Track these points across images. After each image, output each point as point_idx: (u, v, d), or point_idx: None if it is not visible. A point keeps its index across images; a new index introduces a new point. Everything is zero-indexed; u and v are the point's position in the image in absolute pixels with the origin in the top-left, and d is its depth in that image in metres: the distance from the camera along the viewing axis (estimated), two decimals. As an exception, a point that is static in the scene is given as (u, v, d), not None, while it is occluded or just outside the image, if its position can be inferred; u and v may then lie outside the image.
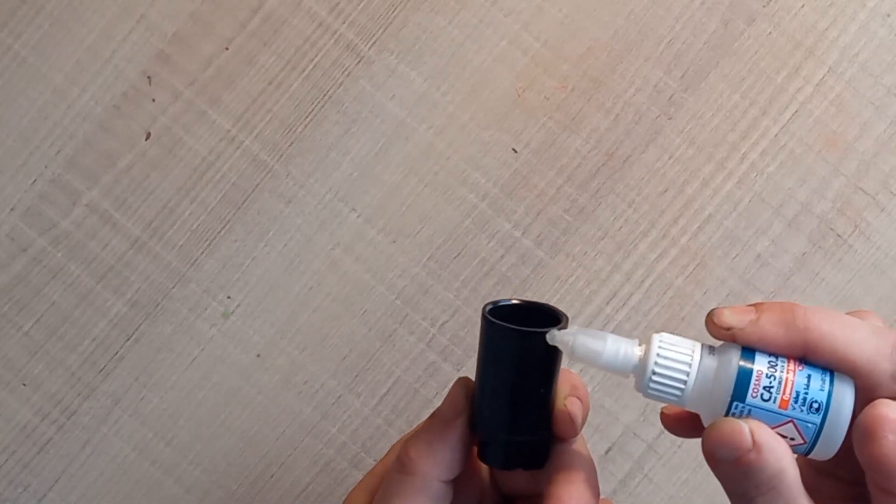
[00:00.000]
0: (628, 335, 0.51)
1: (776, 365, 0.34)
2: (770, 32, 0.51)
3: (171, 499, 0.52)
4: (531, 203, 0.51)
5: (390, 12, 0.52)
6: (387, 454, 0.43)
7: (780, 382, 0.34)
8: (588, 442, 0.51)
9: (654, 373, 0.35)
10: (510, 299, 0.39)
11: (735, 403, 0.34)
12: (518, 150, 0.52)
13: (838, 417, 0.34)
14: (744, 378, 0.34)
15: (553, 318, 0.38)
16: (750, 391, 0.34)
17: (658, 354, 0.35)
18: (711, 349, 0.35)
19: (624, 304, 0.51)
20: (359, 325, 0.52)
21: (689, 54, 0.51)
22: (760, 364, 0.34)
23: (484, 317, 0.37)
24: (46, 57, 0.52)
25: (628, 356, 0.35)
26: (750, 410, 0.34)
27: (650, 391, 0.35)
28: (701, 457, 0.50)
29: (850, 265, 0.51)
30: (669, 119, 0.51)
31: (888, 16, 0.51)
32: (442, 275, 0.52)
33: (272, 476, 0.52)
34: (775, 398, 0.34)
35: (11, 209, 0.52)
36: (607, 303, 0.51)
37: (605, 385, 0.51)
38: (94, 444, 0.52)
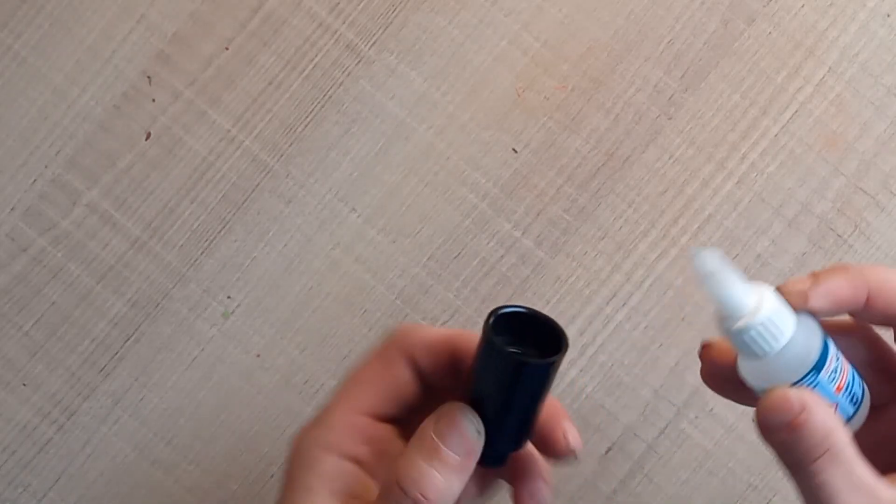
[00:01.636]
0: (628, 335, 0.51)
1: (838, 355, 0.36)
2: (770, 32, 0.51)
3: (171, 499, 0.52)
4: (531, 203, 0.51)
5: (390, 12, 0.52)
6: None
7: (839, 369, 0.35)
8: (588, 442, 0.51)
9: (762, 322, 0.34)
10: (513, 307, 0.37)
11: (812, 373, 0.35)
12: (518, 150, 0.52)
13: (863, 414, 0.36)
14: (825, 353, 0.35)
15: (553, 333, 0.37)
16: (826, 366, 0.35)
17: (773, 304, 0.35)
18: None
19: (624, 305, 0.51)
20: (359, 325, 0.52)
21: (690, 54, 0.51)
22: (832, 348, 0.36)
23: (491, 343, 0.36)
24: (46, 57, 0.52)
25: (744, 297, 0.35)
26: (816, 384, 0.35)
27: (746, 337, 0.35)
28: (701, 457, 0.51)
29: (850, 265, 0.51)
30: (669, 119, 0.51)
31: (888, 16, 0.51)
32: (442, 275, 0.52)
33: (272, 476, 0.52)
34: (835, 381, 0.35)
35: (11, 209, 0.52)
36: (607, 303, 0.51)
37: (605, 385, 0.51)
38: (94, 444, 0.52)
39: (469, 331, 0.39)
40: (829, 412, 0.34)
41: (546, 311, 0.51)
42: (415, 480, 0.37)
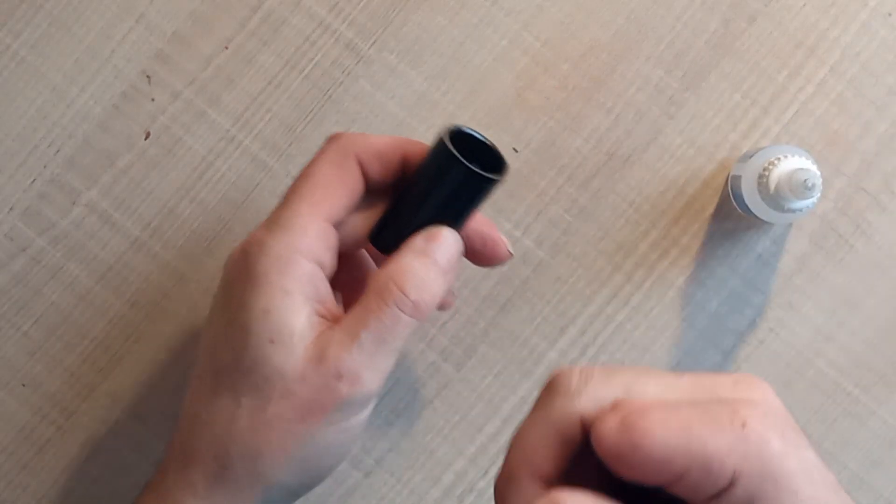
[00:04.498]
0: (629, 336, 0.51)
1: None
2: (771, 32, 0.51)
3: (171, 499, 0.52)
4: (531, 203, 0.51)
5: (390, 11, 0.52)
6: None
7: None
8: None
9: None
10: (469, 129, 0.42)
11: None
12: (518, 149, 0.51)
13: None
14: None
15: (497, 161, 0.42)
16: None
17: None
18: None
19: (625, 305, 0.51)
20: (359, 326, 0.51)
21: (690, 54, 0.51)
22: None
23: (448, 150, 0.40)
24: (45, 56, 0.52)
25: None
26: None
27: (811, 177, 0.44)
28: (702, 457, 0.50)
29: (852, 265, 0.51)
30: (670, 119, 0.51)
31: (889, 15, 0.51)
32: (442, 275, 0.51)
33: (272, 477, 0.52)
34: None
35: (10, 209, 0.52)
36: (608, 303, 0.51)
37: (606, 385, 0.51)
38: (94, 444, 0.52)
39: (413, 139, 0.43)
40: None
41: (546, 311, 0.51)
42: (416, 285, 0.39)
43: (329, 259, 0.41)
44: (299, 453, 0.39)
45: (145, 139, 0.52)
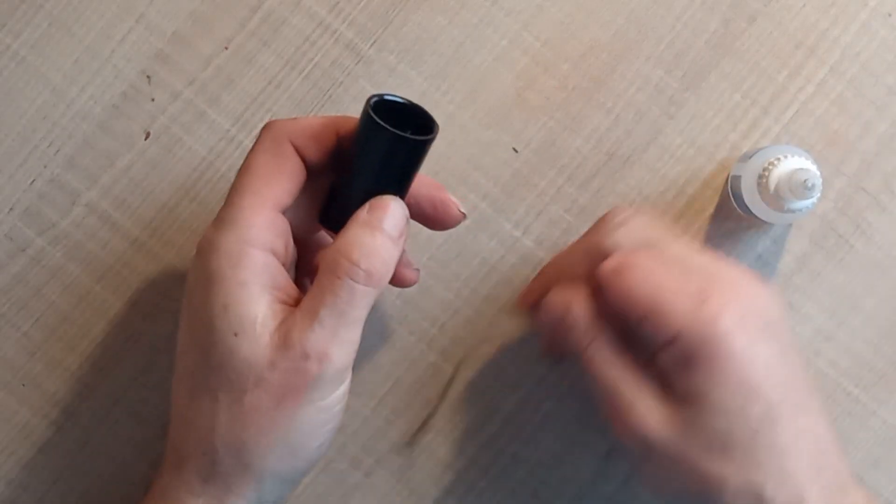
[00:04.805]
0: (629, 335, 0.51)
1: None
2: (771, 32, 0.51)
3: (171, 499, 0.52)
4: (532, 203, 0.51)
5: (390, 11, 0.52)
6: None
7: None
8: (589, 443, 0.51)
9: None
10: (392, 95, 0.43)
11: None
12: (518, 149, 0.51)
13: None
14: None
15: (427, 123, 0.42)
16: None
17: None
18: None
19: (625, 305, 0.51)
20: (359, 326, 0.51)
21: (690, 54, 0.51)
22: None
23: (371, 119, 0.40)
24: (45, 56, 0.52)
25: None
26: None
27: (811, 177, 0.45)
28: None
29: (852, 265, 0.51)
30: (670, 119, 0.51)
31: (889, 15, 0.51)
32: (442, 275, 0.51)
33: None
34: None
35: (10, 209, 0.52)
36: (608, 303, 0.51)
37: (606, 385, 0.51)
38: (94, 444, 0.52)
39: (347, 115, 0.43)
40: None
41: (546, 311, 0.51)
42: (365, 254, 0.40)
43: (282, 246, 0.41)
44: (283, 438, 0.40)
45: (145, 139, 0.52)
